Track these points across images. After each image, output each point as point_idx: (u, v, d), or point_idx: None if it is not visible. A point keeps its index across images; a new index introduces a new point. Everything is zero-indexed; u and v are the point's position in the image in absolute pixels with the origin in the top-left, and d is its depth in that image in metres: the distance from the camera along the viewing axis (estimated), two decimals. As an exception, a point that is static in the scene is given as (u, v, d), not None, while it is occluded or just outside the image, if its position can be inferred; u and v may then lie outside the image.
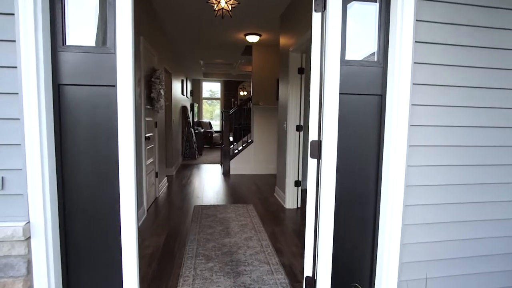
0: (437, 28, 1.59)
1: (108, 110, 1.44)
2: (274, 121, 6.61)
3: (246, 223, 3.57)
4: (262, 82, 6.75)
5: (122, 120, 1.41)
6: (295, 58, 4.09)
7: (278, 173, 4.83)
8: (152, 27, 4.36)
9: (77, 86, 1.42)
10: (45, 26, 1.33)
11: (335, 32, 1.52)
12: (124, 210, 1.45)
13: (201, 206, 4.22)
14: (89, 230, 1.50)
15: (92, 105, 1.44)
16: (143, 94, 3.78)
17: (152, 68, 4.20)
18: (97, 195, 1.47)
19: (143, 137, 3.80)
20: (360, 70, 1.62)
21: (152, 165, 4.38)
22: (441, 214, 1.70)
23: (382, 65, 1.63)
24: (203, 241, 3.02)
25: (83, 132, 1.44)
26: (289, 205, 4.25)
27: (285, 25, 4.49)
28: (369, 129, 1.66)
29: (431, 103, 1.63)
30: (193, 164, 7.94)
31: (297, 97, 4.14)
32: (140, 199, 3.66)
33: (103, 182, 1.46)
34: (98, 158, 1.45)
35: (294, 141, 4.19)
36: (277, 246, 2.99)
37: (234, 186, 5.62)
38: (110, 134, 1.44)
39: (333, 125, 1.56)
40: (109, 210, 1.49)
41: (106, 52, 1.42)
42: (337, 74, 1.54)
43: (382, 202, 1.66)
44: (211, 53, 7.69)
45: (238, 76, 11.46)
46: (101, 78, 1.42)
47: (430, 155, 1.65)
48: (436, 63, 1.60)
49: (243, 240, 3.06)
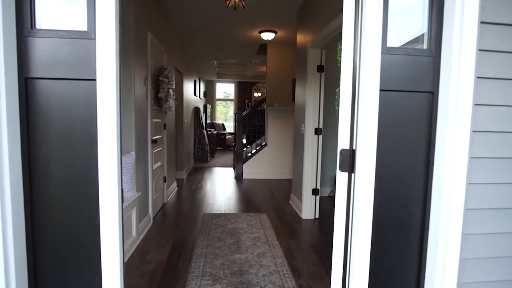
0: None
1: (87, 110, 1.15)
2: (289, 123, 6.26)
3: (259, 235, 3.24)
4: (277, 82, 6.41)
5: (103, 122, 1.11)
6: (314, 55, 3.74)
7: (294, 180, 4.48)
8: (161, 22, 4.12)
9: (49, 80, 1.14)
10: (6, 4, 1.06)
11: (376, 8, 1.18)
12: (105, 242, 1.14)
13: (211, 215, 3.92)
14: (63, 269, 1.19)
15: (68, 103, 1.15)
16: (149, 94, 3.52)
17: (160, 66, 3.95)
18: (73, 221, 1.18)
19: (149, 140, 3.54)
20: (405, 60, 1.28)
21: (160, 169, 4.13)
22: (508, 245, 1.32)
23: (434, 54, 1.28)
24: (211, 256, 2.72)
25: (56, 139, 1.16)
26: (306, 215, 3.90)
27: (303, 20, 4.15)
28: (415, 136, 1.31)
29: (500, 103, 1.26)
30: (205, 167, 7.68)
31: (315, 98, 3.79)
32: (145, 206, 3.40)
33: (80, 204, 1.17)
34: (75, 170, 1.17)
35: (312, 145, 3.83)
36: (294, 264, 2.65)
37: (246, 191, 5.30)
38: (90, 140, 1.15)
39: (371, 130, 1.22)
40: (88, 242, 1.18)
41: (84, 38, 1.13)
42: (377, 65, 1.19)
43: (431, 232, 1.30)
44: (224, 52, 7.42)
45: (252, 77, 11.17)
46: (78, 70, 1.13)
47: (497, 171, 1.28)
48: (510, 50, 1.23)
49: (255, 257, 2.73)
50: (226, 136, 11.34)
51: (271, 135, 6.38)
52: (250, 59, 8.23)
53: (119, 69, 1.15)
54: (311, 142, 3.83)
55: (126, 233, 2.74)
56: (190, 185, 5.68)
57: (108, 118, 1.11)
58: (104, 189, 1.12)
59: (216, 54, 7.68)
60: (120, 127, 1.16)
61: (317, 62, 3.75)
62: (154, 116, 3.75)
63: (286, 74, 6.39)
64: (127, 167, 2.82)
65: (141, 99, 3.22)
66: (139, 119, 3.14)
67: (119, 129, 1.16)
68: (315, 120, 3.81)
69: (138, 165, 3.13)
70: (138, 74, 3.09)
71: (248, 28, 5.32)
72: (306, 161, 3.85)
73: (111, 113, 1.11)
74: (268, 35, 5.51)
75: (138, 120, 3.12)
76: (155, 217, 3.79)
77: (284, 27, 5.16)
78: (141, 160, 3.24)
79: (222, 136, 11.19)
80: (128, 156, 2.87)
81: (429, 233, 1.31)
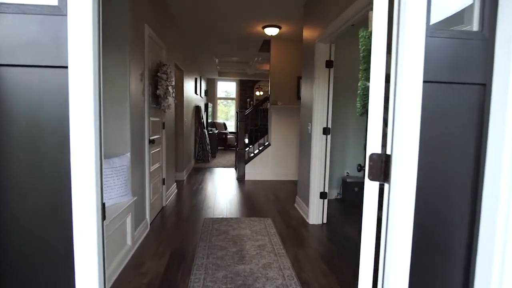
0: None
1: (59, 106, 0.92)
2: (293, 122, 6.02)
3: (264, 243, 3.01)
4: (281, 80, 6.17)
5: (77, 121, 0.88)
6: (323, 50, 3.51)
7: (300, 182, 4.24)
8: (160, 16, 3.88)
9: (9, 68, 0.91)
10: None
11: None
12: (81, 273, 0.90)
13: (212, 220, 3.69)
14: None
15: (35, 97, 0.92)
16: (147, 91, 3.29)
17: (159, 62, 3.72)
18: (38, 244, 0.94)
19: (146, 140, 3.31)
20: (449, 45, 1.04)
21: (159, 171, 3.90)
22: None
23: (487, 37, 1.04)
24: (213, 268, 2.49)
25: (19, 142, 0.93)
26: (313, 220, 3.66)
27: (311, 13, 3.90)
28: (461, 139, 1.07)
29: None
30: (205, 167, 7.46)
31: (324, 95, 3.55)
32: (142, 211, 3.18)
33: (48, 223, 0.94)
34: (42, 181, 0.93)
35: (320, 146, 3.60)
36: (303, 277, 2.42)
37: (249, 194, 5.07)
38: (63, 143, 0.92)
39: (412, 131, 0.98)
40: (58, 271, 0.95)
41: (54, 14, 0.90)
42: (420, 49, 0.96)
43: (480, 261, 1.06)
44: (226, 49, 7.19)
45: (255, 75, 10.94)
46: (46, 55, 0.90)
47: None
48: None
49: (260, 268, 2.50)
50: (227, 135, 11.11)
51: (274, 135, 6.14)
52: (253, 57, 7.99)
53: (99, 55, 0.92)
54: (319, 142, 3.59)
55: (120, 243, 2.51)
56: (191, 186, 5.45)
57: (83, 116, 0.88)
58: (79, 203, 0.89)
59: (218, 51, 7.44)
60: (100, 127, 0.93)
61: (326, 57, 3.51)
62: (152, 114, 3.52)
63: (290, 71, 6.15)
64: (122, 170, 2.59)
65: (137, 96, 2.99)
66: (135, 117, 2.91)
67: (99, 130, 0.93)
68: (323, 119, 3.57)
69: (134, 168, 2.90)
70: (134, 68, 2.86)
71: (251, 23, 5.09)
72: (314, 162, 3.61)
73: (86, 109, 0.88)
74: (272, 30, 5.27)
75: (134, 118, 2.89)
76: (153, 222, 3.57)
77: (289, 21, 4.92)
78: (137, 162, 3.02)
79: (224, 135, 10.96)
80: (123, 158, 2.64)
81: (476, 262, 1.07)
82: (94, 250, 0.88)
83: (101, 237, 0.92)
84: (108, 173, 2.47)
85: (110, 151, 2.69)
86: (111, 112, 2.69)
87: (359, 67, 1.65)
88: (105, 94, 2.69)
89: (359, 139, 4.77)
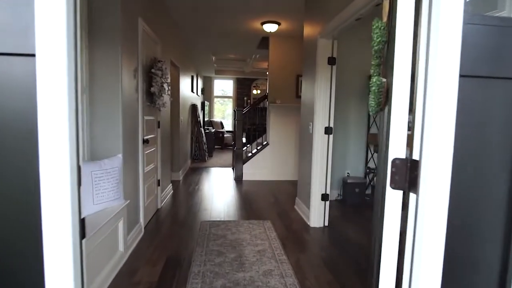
0: None
1: (25, 102, 0.76)
2: (293, 121, 5.88)
3: (264, 248, 2.87)
4: (279, 78, 6.03)
5: (46, 120, 0.73)
6: (325, 46, 3.36)
7: (300, 183, 4.10)
8: (155, 9, 3.71)
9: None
10: None
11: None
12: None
13: (209, 223, 3.54)
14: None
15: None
16: (140, 88, 3.13)
17: (153, 58, 3.55)
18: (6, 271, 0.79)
19: (140, 139, 3.15)
20: (486, 33, 0.90)
21: (153, 172, 3.74)
22: None
23: (529, 25, 0.90)
24: (210, 276, 2.34)
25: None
26: (314, 223, 3.53)
27: (312, 7, 3.75)
28: (500, 142, 0.93)
29: None
30: (202, 167, 7.29)
31: (326, 93, 3.41)
32: (135, 215, 3.02)
33: (13, 242, 0.78)
34: (6, 192, 0.78)
35: (322, 146, 3.46)
36: (306, 285, 2.28)
37: (247, 195, 4.93)
38: (31, 147, 0.76)
39: (445, 133, 0.84)
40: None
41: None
42: (457, 38, 0.81)
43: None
44: (223, 45, 7.01)
45: (252, 73, 10.78)
46: (9, 40, 0.75)
47: None
48: None
49: (261, 276, 2.36)
50: (224, 134, 10.95)
51: (273, 134, 6.00)
52: (250, 54, 7.83)
53: (75, 42, 0.77)
54: (320, 142, 3.46)
55: (111, 249, 2.35)
56: (187, 187, 5.29)
57: (54, 113, 0.72)
58: (50, 219, 0.74)
59: (215, 48, 7.27)
60: (77, 127, 0.78)
61: (328, 54, 3.37)
62: (146, 113, 3.35)
63: (289, 69, 6.01)
64: (113, 172, 2.43)
65: (130, 94, 2.83)
66: (127, 116, 2.74)
67: (76, 131, 0.77)
68: (325, 118, 3.43)
69: (127, 169, 2.74)
70: (126, 64, 2.69)
71: (250, 18, 4.93)
72: (315, 163, 3.47)
73: (59, 105, 0.72)
74: (271, 27, 5.12)
75: (127, 117, 2.73)
76: (147, 225, 3.41)
77: (289, 17, 4.77)
78: (130, 163, 2.85)
79: (221, 134, 10.80)
80: (114, 159, 2.48)
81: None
82: (69, 279, 0.73)
83: (78, 263, 0.76)
84: (98, 175, 2.30)
85: (100, 152, 2.53)
86: (101, 110, 2.52)
87: (372, 62, 1.52)
88: (94, 90, 2.54)
89: (360, 138, 4.64)
